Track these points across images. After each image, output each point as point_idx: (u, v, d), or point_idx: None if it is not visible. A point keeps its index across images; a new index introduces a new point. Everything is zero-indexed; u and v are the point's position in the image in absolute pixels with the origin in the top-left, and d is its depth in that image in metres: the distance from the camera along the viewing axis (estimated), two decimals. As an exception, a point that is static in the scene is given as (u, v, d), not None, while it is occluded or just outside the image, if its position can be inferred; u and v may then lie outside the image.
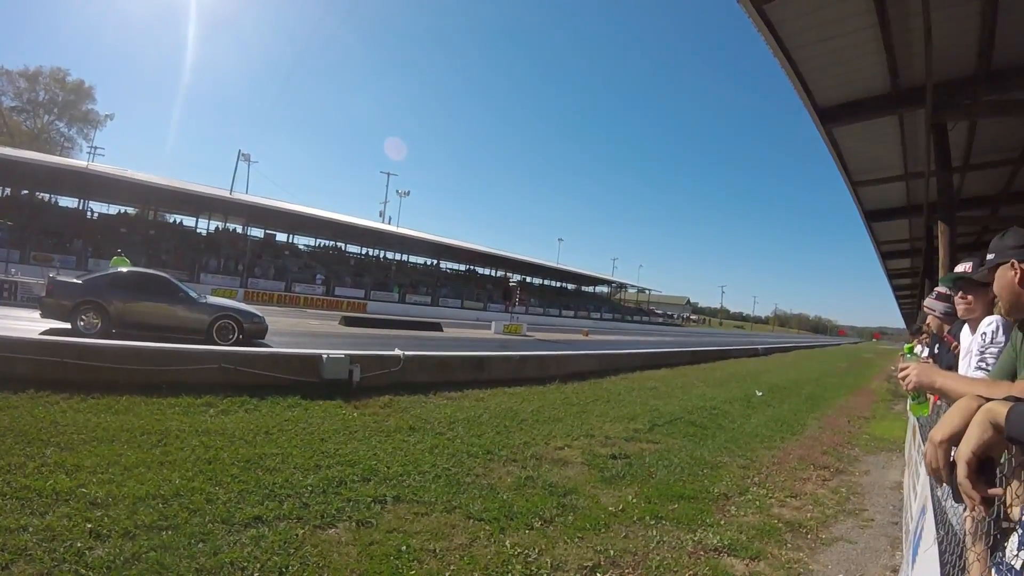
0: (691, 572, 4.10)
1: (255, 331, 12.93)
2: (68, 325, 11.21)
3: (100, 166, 42.34)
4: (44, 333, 9.58)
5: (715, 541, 4.65)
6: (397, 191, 59.28)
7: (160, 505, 4.11)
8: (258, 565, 3.50)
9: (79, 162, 44.47)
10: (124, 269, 13.45)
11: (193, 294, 12.86)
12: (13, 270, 21.50)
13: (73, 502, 3.99)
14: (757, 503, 5.83)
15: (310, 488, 4.75)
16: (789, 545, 4.86)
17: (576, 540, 4.42)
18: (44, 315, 11.51)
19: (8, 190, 42.65)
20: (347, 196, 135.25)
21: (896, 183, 13.62)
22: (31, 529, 3.57)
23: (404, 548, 3.94)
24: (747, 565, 4.34)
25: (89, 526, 3.69)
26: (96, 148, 50.60)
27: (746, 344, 37.42)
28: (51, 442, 5.14)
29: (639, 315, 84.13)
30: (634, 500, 5.42)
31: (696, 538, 4.70)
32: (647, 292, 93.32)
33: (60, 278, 12.21)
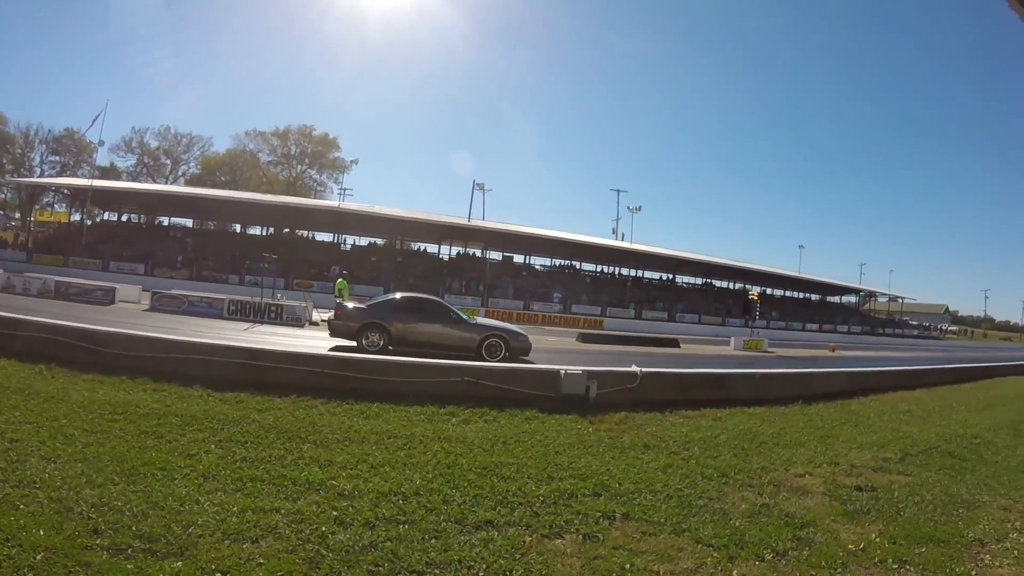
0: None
1: (520, 349, 13.50)
2: (354, 343, 12.69)
3: (350, 204, 49.59)
4: (332, 350, 11.03)
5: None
6: (628, 207, 58.54)
7: (400, 501, 4.46)
8: (484, 566, 3.63)
9: (332, 203, 52.62)
10: (399, 295, 14.68)
11: (464, 316, 13.99)
12: (279, 295, 25.30)
13: (323, 492, 4.49)
14: (1015, 553, 4.71)
15: (541, 498, 4.83)
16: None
17: (809, 578, 3.91)
18: (333, 335, 13.30)
19: (272, 229, 52.31)
20: (578, 215, 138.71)
21: None
22: (283, 511, 4.07)
23: (628, 566, 3.82)
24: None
25: (335, 513, 4.10)
26: (345, 189, 58.42)
27: (1017, 359, 29.84)
28: (308, 439, 5.88)
29: (891, 327, 71.26)
30: (877, 539, 4.69)
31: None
32: (899, 301, 78.31)
33: (347, 304, 13.99)
